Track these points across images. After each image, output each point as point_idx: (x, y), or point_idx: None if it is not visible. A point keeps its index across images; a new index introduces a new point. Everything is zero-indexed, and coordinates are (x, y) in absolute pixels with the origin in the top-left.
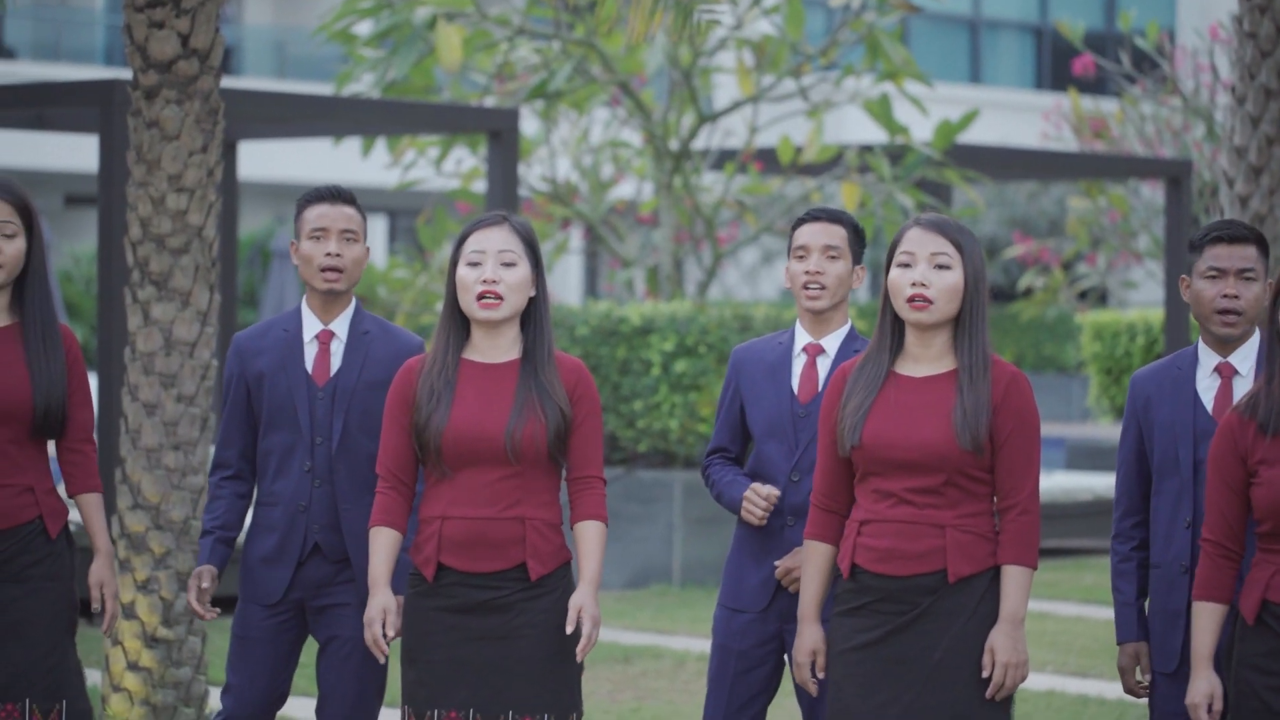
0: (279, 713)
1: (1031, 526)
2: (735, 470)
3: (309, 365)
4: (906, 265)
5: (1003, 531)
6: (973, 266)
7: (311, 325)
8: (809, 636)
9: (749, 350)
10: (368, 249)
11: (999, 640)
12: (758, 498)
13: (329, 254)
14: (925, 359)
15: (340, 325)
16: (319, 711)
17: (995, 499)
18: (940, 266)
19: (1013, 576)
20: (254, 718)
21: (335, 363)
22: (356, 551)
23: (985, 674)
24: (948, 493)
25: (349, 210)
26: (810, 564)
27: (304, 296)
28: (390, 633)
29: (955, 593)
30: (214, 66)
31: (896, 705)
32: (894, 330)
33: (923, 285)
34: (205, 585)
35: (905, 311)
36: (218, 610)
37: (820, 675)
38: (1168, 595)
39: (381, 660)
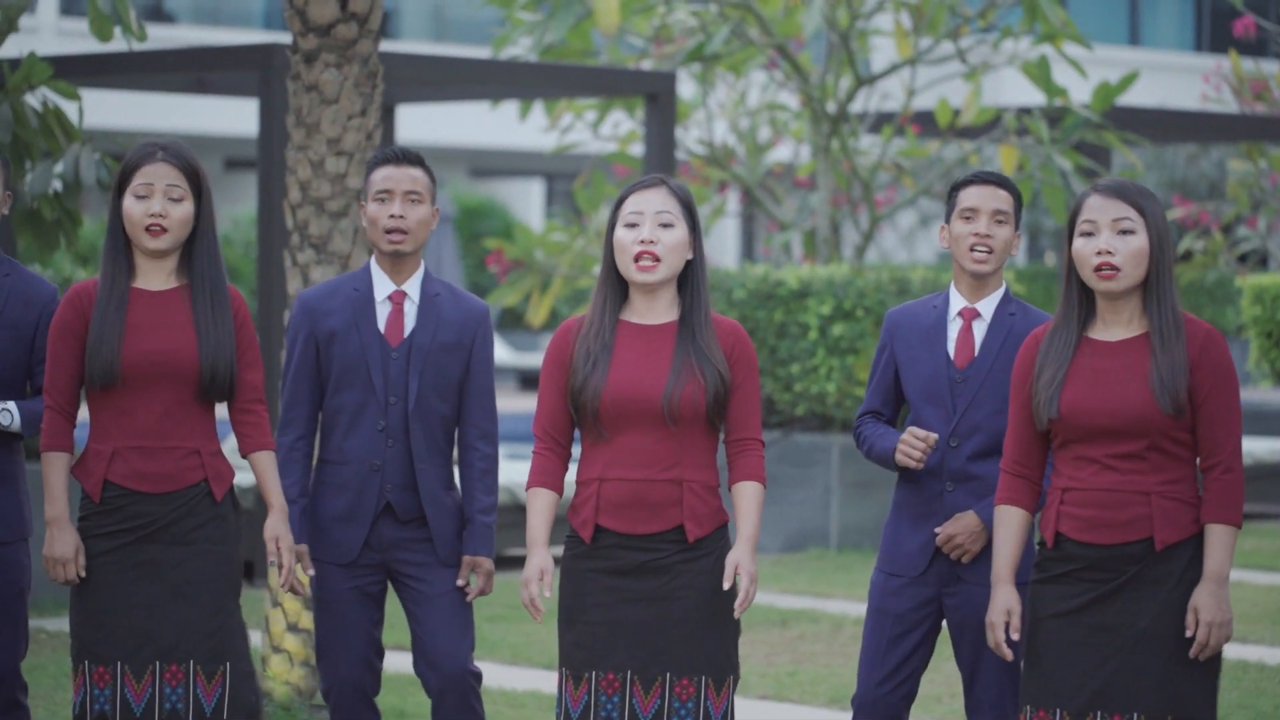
0: (384, 669)
1: (1235, 484)
2: (887, 426)
3: (381, 325)
4: (1090, 234)
5: (1206, 490)
6: (1156, 228)
7: (383, 286)
8: (1003, 598)
9: (904, 313)
10: (436, 210)
11: (1203, 599)
12: (915, 439)
13: (393, 215)
14: (1117, 324)
15: (412, 287)
16: (425, 681)
17: (1198, 459)
18: (1124, 232)
19: (1217, 535)
20: (360, 677)
21: (409, 323)
22: (433, 510)
23: (1189, 633)
24: (1151, 457)
25: (415, 172)
26: (1004, 528)
27: (372, 257)
28: (547, 593)
29: (1162, 560)
30: (373, 30)
31: (1099, 673)
32: (1081, 298)
33: (1108, 253)
34: (311, 573)
35: (1093, 281)
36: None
37: (1014, 637)
38: None
39: (538, 620)
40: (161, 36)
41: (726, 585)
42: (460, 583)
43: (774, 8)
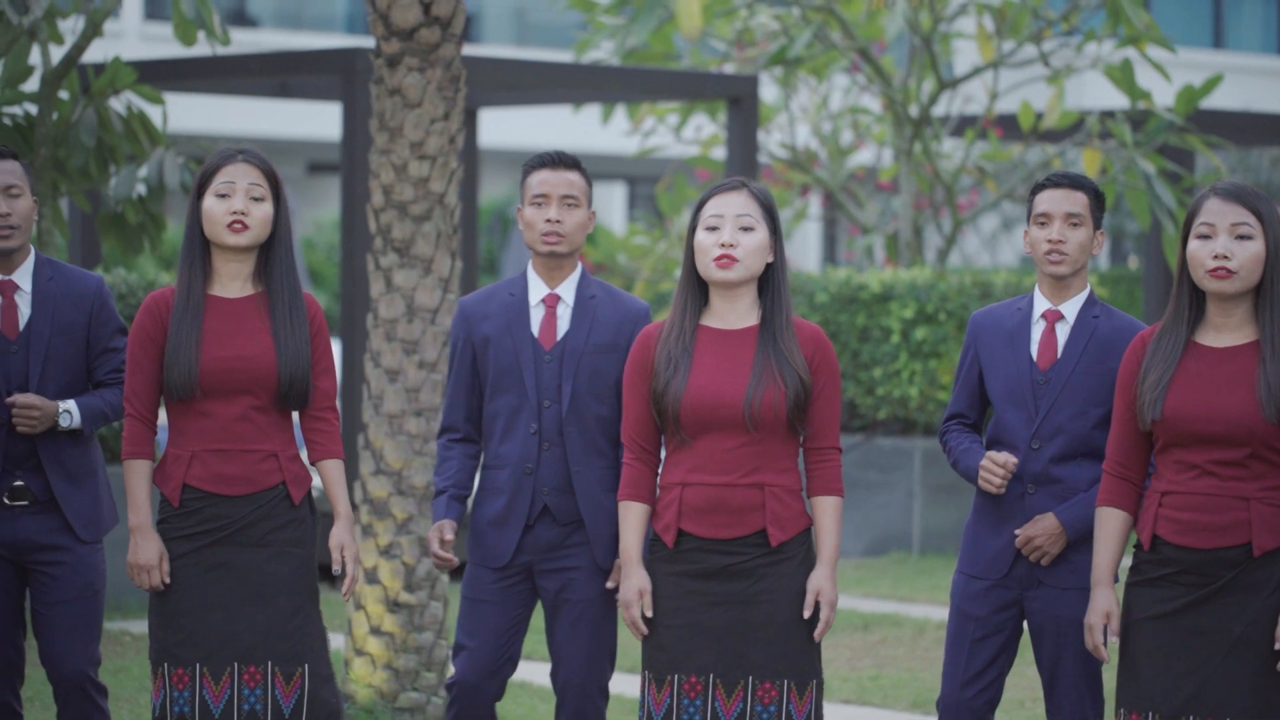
0: (512, 677)
1: None
2: (972, 437)
3: (535, 329)
4: (1206, 236)
5: None
6: (1274, 234)
7: (538, 289)
8: (1102, 600)
9: (988, 316)
10: (593, 214)
11: None
12: (995, 465)
13: (549, 219)
14: (1226, 329)
15: (566, 289)
16: (553, 676)
17: None
18: (1242, 237)
19: None
20: (486, 680)
21: (562, 326)
22: (590, 513)
23: None
24: (1252, 465)
25: (571, 176)
26: (1104, 529)
27: (529, 262)
28: (648, 613)
29: (1259, 566)
30: (455, 34)
31: (1193, 677)
32: (1192, 301)
33: (1225, 257)
34: (448, 537)
35: (1206, 282)
36: (456, 559)
37: (1113, 639)
38: None
39: (639, 638)
40: (244, 41)
41: (807, 614)
42: (610, 585)
43: (856, 11)
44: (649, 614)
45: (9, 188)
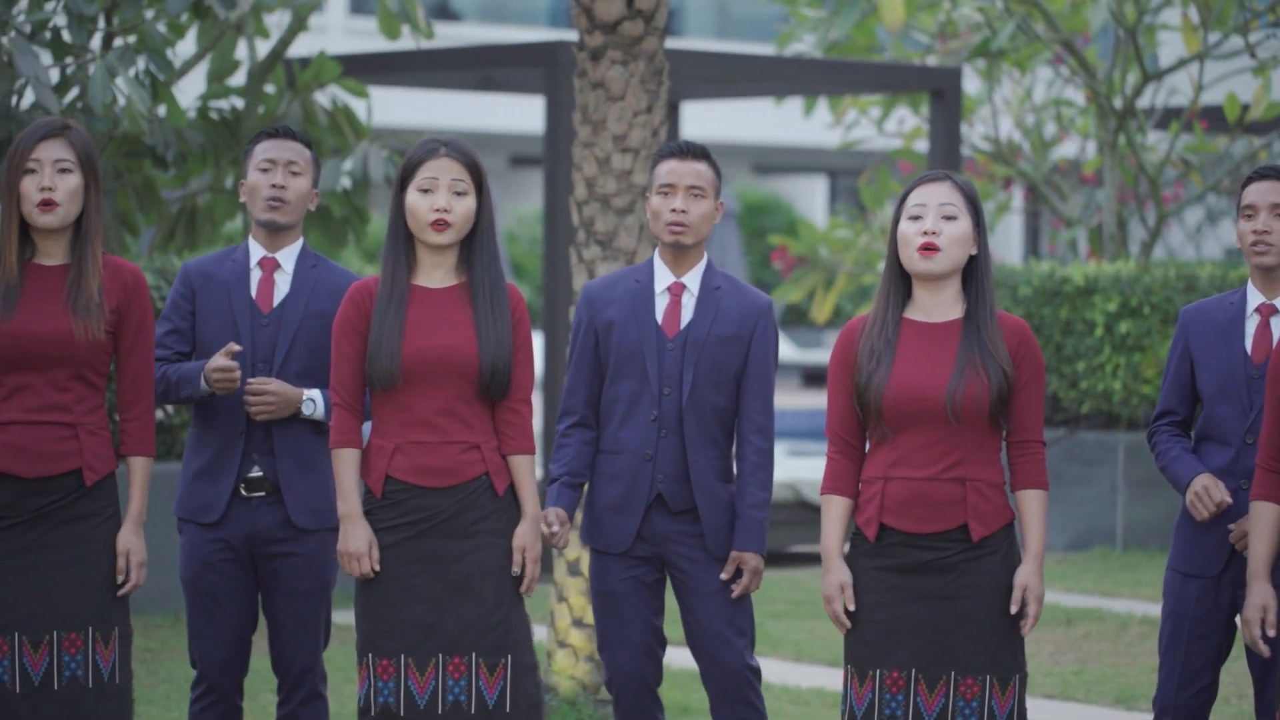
0: (682, 667)
1: None
2: (1183, 443)
3: (659, 316)
4: None
5: None
6: None
7: (663, 277)
8: (1259, 594)
9: (1198, 310)
10: (720, 205)
11: None
12: (1210, 501)
13: (674, 209)
14: None
15: (692, 279)
16: (704, 676)
17: None
18: None
19: None
20: (643, 668)
21: (686, 315)
22: (705, 502)
23: None
24: None
25: (699, 166)
26: (1259, 523)
27: (655, 250)
28: (850, 606)
29: None
30: (658, 27)
31: None
32: None
33: None
34: (555, 529)
35: None
36: (565, 540)
37: (1271, 633)
38: None
39: (842, 632)
40: (448, 35)
41: (1014, 609)
42: (724, 577)
43: (1060, 3)
44: (851, 608)
45: (290, 163)
